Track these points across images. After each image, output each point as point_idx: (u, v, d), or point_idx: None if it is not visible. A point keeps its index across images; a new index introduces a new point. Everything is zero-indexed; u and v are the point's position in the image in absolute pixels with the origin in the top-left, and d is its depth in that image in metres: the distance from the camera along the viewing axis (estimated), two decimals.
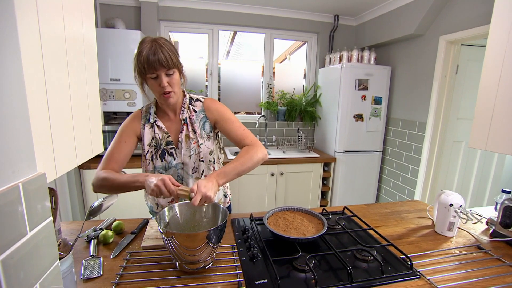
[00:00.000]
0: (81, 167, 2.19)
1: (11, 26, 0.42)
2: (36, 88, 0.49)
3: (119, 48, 2.28)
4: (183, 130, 1.10)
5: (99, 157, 1.06)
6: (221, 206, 0.96)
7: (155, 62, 0.95)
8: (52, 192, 0.66)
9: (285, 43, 3.69)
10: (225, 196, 1.29)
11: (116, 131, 1.11)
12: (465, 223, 1.09)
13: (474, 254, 1.00)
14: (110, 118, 2.57)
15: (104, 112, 2.34)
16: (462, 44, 2.27)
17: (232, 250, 0.98)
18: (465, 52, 2.31)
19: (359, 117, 2.77)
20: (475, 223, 1.09)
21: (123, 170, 2.19)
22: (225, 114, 1.13)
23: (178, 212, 0.95)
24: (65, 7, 0.59)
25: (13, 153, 0.44)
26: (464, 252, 1.01)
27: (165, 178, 0.87)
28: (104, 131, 2.29)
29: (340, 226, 1.14)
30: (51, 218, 0.53)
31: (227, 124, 1.12)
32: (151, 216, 1.28)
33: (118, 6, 2.64)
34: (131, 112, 1.16)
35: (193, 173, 1.12)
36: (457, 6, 2.13)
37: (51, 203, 0.67)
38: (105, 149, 1.05)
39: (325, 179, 2.96)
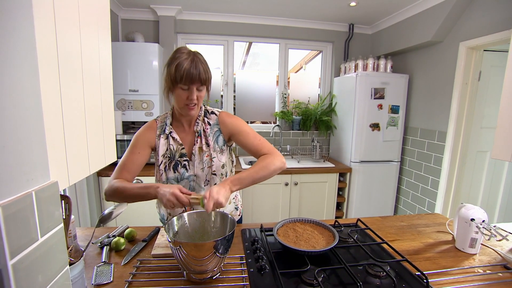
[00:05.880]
0: (100, 174, 2.27)
1: (30, 42, 0.45)
2: (52, 100, 0.52)
3: (138, 60, 2.39)
4: (196, 142, 1.11)
5: (115, 165, 1.10)
6: (230, 216, 0.95)
7: (195, 76, 0.96)
8: (66, 199, 0.69)
9: (300, 52, 3.70)
10: (236, 209, 1.28)
11: None
12: (489, 239, 1.02)
13: (500, 274, 0.93)
14: (128, 127, 2.67)
15: (122, 121, 2.43)
16: (484, 50, 2.18)
17: (241, 261, 0.98)
18: (488, 58, 2.22)
19: (375, 126, 2.70)
20: (499, 240, 1.02)
21: (138, 178, 2.26)
22: (240, 127, 1.12)
23: (187, 222, 0.96)
24: (82, 23, 0.62)
25: (28, 162, 0.46)
26: (488, 272, 0.94)
27: (176, 192, 0.88)
28: (122, 140, 2.37)
29: (352, 239, 1.10)
30: (62, 225, 0.56)
31: (243, 136, 1.11)
32: (162, 224, 1.29)
33: (138, 21, 2.77)
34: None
35: (205, 185, 1.13)
36: (478, 11, 2.06)
37: (65, 210, 0.70)
38: (119, 158, 1.08)
39: (340, 189, 2.89)
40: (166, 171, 1.11)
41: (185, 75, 0.95)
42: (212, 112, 1.15)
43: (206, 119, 1.13)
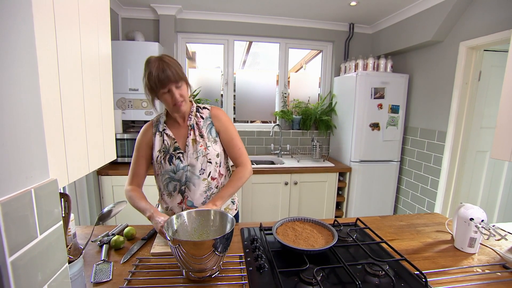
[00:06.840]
0: (99, 173, 2.27)
1: (29, 39, 0.45)
2: (51, 98, 0.52)
3: (138, 59, 2.39)
4: (190, 135, 1.16)
5: (115, 164, 1.10)
6: (229, 215, 0.96)
7: (165, 78, 1.04)
8: (65, 197, 0.69)
9: (300, 52, 3.70)
10: (233, 202, 1.31)
11: (134, 139, 1.19)
12: (487, 239, 1.02)
13: (498, 273, 0.93)
14: (129, 126, 2.67)
15: (122, 120, 2.43)
16: (484, 50, 2.18)
17: (240, 259, 0.98)
18: (488, 58, 2.22)
19: (375, 126, 2.70)
20: (498, 239, 1.02)
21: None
22: (228, 129, 1.21)
23: (186, 220, 0.96)
24: (81, 21, 0.62)
25: (27, 159, 0.46)
26: (487, 271, 0.95)
27: (160, 229, 1.00)
28: (122, 139, 2.37)
29: (351, 239, 1.10)
30: (61, 222, 0.56)
31: (228, 139, 1.21)
32: None
33: (138, 20, 2.77)
34: (148, 121, 1.24)
35: (200, 174, 1.16)
36: (478, 11, 2.06)
37: (64, 208, 0.70)
38: (118, 156, 1.09)
39: (340, 189, 2.89)
40: (163, 164, 1.16)
41: (157, 80, 1.04)
42: (204, 107, 1.23)
43: (198, 114, 1.20)
